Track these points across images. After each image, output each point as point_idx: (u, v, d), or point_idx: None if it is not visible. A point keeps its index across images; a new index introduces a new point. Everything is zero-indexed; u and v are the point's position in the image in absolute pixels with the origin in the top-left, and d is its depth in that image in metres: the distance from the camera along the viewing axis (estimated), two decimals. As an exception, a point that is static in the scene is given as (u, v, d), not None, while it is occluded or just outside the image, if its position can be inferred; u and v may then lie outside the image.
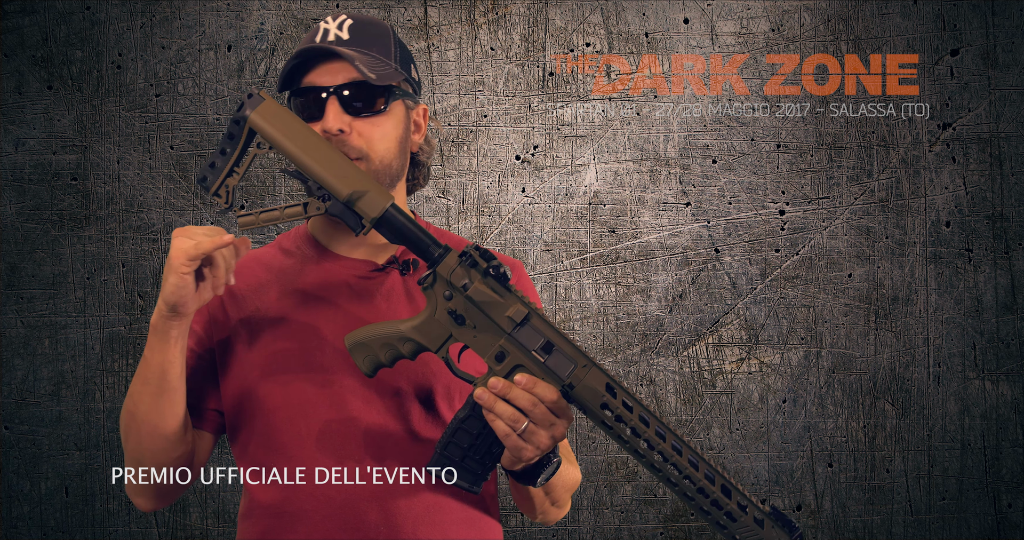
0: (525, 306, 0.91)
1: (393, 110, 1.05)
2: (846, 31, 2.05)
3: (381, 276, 1.07)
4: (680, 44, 2.04)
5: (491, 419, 0.89)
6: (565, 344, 0.90)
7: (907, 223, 2.05)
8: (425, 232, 0.95)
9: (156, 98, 1.98)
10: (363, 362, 0.95)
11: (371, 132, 1.02)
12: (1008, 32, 2.05)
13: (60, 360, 1.94)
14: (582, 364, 0.90)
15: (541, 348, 0.90)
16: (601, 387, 0.89)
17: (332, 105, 1.01)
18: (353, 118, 1.01)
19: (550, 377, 0.90)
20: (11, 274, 1.96)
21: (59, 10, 1.98)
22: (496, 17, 2.03)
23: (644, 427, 0.89)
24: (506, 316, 0.90)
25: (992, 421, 2.03)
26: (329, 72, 1.02)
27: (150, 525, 1.95)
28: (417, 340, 0.93)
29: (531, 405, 0.89)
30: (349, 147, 1.01)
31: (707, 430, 2.01)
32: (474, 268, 0.91)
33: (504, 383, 0.89)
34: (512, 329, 0.90)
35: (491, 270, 0.90)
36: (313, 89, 1.02)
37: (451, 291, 0.91)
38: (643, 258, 2.03)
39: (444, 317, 0.92)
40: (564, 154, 2.03)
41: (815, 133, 2.04)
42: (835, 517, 2.02)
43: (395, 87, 1.04)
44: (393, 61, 1.06)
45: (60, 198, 1.97)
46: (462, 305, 0.91)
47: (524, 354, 0.90)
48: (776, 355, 2.03)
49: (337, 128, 1.00)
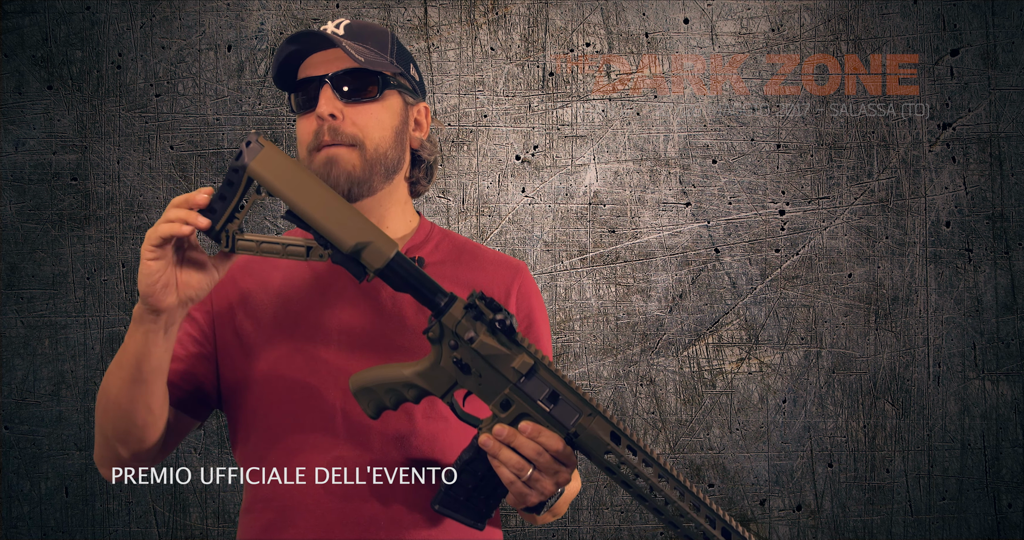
0: (531, 357, 0.90)
1: (387, 99, 1.05)
2: (846, 31, 2.05)
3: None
4: (680, 44, 2.04)
5: (496, 465, 0.90)
6: (570, 393, 0.90)
7: (907, 223, 2.05)
8: (430, 280, 0.93)
9: (156, 98, 1.98)
10: (367, 406, 0.95)
11: (365, 119, 1.02)
12: (1008, 32, 2.05)
13: (60, 360, 1.94)
14: (587, 413, 0.90)
15: (546, 397, 0.90)
16: (606, 435, 0.90)
17: (325, 92, 1.01)
18: (345, 104, 1.02)
19: (555, 426, 0.90)
20: (11, 274, 1.96)
21: (59, 10, 1.98)
22: (496, 17, 2.03)
23: (648, 472, 0.90)
24: (512, 367, 0.90)
25: (992, 421, 2.03)
26: (323, 62, 1.03)
27: (150, 525, 1.95)
28: (422, 386, 0.93)
29: (536, 454, 0.89)
30: (342, 134, 1.01)
31: (707, 430, 2.01)
32: (480, 319, 0.90)
33: (509, 430, 0.89)
34: (518, 380, 0.90)
35: (497, 323, 0.89)
36: (308, 80, 1.03)
37: (457, 341, 0.91)
38: (643, 258, 2.03)
39: (449, 365, 0.91)
40: (564, 154, 2.03)
41: (815, 133, 2.05)
42: (835, 517, 2.02)
43: (388, 76, 1.05)
44: (389, 55, 1.06)
45: (60, 198, 1.97)
46: (468, 355, 0.90)
47: (529, 403, 0.90)
48: (776, 355, 2.03)
49: (328, 112, 1.00)
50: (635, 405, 2.01)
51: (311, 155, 1.03)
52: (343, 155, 1.01)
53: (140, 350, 0.92)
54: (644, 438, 2.02)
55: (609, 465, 0.90)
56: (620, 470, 0.90)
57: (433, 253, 1.12)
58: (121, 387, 0.94)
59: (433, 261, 1.11)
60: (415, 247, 1.11)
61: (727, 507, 2.01)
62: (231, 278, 1.09)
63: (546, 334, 1.18)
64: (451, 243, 1.15)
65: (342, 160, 1.01)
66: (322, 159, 1.02)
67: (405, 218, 1.13)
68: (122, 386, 0.94)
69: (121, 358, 0.94)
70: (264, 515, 1.03)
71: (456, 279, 1.10)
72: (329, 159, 1.01)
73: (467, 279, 1.11)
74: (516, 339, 0.90)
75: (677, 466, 2.01)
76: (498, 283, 1.12)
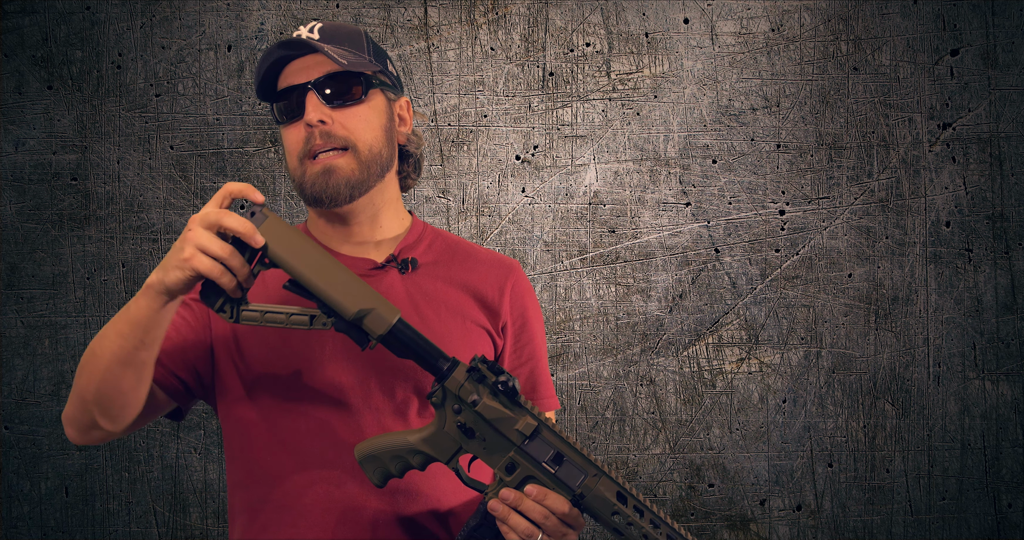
0: (534, 418, 0.91)
1: (372, 99, 1.05)
2: (846, 31, 2.05)
3: (380, 274, 1.07)
4: (680, 44, 2.04)
5: (505, 531, 0.90)
6: (575, 454, 0.91)
7: (907, 223, 2.05)
8: (432, 346, 0.92)
9: (156, 98, 1.98)
10: (373, 474, 0.95)
11: (353, 122, 1.02)
12: (1008, 32, 2.05)
13: (60, 360, 1.94)
14: (592, 473, 0.91)
15: (551, 459, 0.91)
16: (612, 496, 0.91)
17: (311, 98, 1.01)
18: (333, 109, 1.02)
19: (561, 488, 0.91)
20: (11, 274, 1.96)
21: (59, 10, 1.98)
22: (496, 17, 2.03)
23: (655, 532, 0.90)
24: (516, 430, 0.90)
25: (992, 421, 2.03)
26: (303, 69, 1.03)
27: (150, 525, 1.95)
28: (427, 452, 0.93)
29: (543, 517, 0.89)
30: (334, 138, 1.01)
31: (707, 430, 2.01)
32: (482, 382, 0.90)
33: (516, 494, 0.89)
34: (522, 442, 0.90)
35: (500, 386, 0.90)
36: (291, 89, 1.03)
37: (461, 405, 0.91)
38: (643, 258, 2.03)
39: (453, 430, 0.92)
40: (564, 154, 2.03)
41: (815, 133, 2.04)
42: (835, 517, 2.02)
43: (370, 76, 1.05)
44: (367, 54, 1.07)
45: (60, 198, 1.97)
46: (471, 419, 0.91)
47: (534, 465, 0.91)
48: (776, 355, 2.03)
49: (317, 119, 1.00)
50: (635, 405, 2.01)
51: (303, 163, 1.02)
52: (339, 163, 1.01)
53: (150, 317, 0.89)
54: (644, 437, 2.02)
55: (616, 526, 0.91)
56: (628, 531, 0.90)
57: (426, 253, 1.12)
58: (117, 353, 0.91)
59: (426, 261, 1.10)
60: (408, 247, 1.11)
61: (727, 507, 2.01)
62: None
63: (540, 333, 1.17)
64: (444, 243, 1.15)
65: (339, 168, 1.01)
66: (318, 169, 1.01)
67: (398, 217, 1.13)
68: (119, 352, 0.91)
69: (121, 326, 0.91)
70: (261, 516, 1.02)
71: (450, 279, 1.10)
72: (326, 169, 1.01)
73: (461, 279, 1.10)
74: (519, 401, 0.91)
75: (677, 467, 2.01)
76: (491, 282, 1.12)
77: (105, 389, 0.93)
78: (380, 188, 1.08)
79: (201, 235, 0.85)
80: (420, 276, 1.08)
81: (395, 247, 1.10)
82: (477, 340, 1.08)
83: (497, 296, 1.11)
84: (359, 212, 1.07)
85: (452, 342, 1.04)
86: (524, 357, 1.14)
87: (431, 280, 1.08)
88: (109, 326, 0.92)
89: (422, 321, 1.05)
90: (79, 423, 0.97)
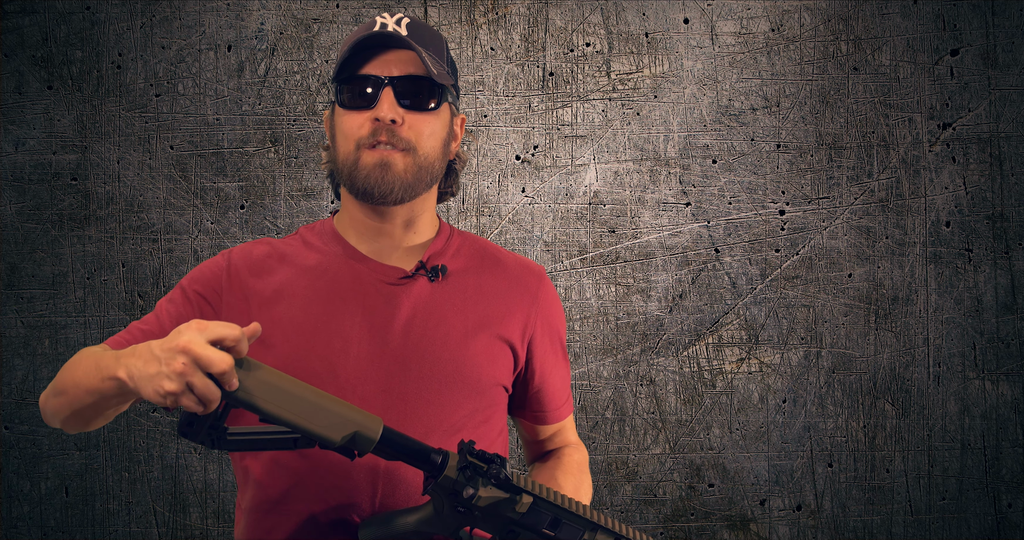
0: (529, 495, 0.93)
1: (442, 112, 1.06)
2: (846, 31, 2.05)
3: (409, 282, 1.06)
4: (680, 44, 2.04)
5: None
6: (570, 515, 0.94)
7: (907, 223, 2.05)
8: (418, 445, 0.91)
9: (156, 98, 1.98)
10: None
11: (421, 127, 1.03)
12: (1008, 32, 2.05)
13: (60, 360, 1.94)
14: (589, 529, 0.93)
15: (549, 524, 0.93)
16: None
17: (387, 95, 1.01)
18: (405, 111, 1.02)
19: None
20: (11, 274, 1.96)
21: (59, 10, 1.98)
22: (496, 17, 2.03)
23: None
24: (513, 509, 0.92)
25: (992, 421, 2.03)
26: (386, 63, 1.03)
27: (150, 525, 1.95)
28: (429, 531, 0.95)
29: None
30: (399, 138, 1.01)
31: (707, 430, 2.01)
32: (476, 473, 0.92)
33: None
34: (519, 517, 0.93)
35: (493, 480, 0.91)
36: (370, 78, 1.02)
37: (457, 500, 0.92)
38: (643, 258, 2.03)
39: (452, 513, 0.93)
40: (564, 154, 2.03)
41: (815, 133, 2.04)
42: (835, 517, 2.02)
43: (447, 89, 1.05)
44: (445, 63, 1.07)
45: (60, 198, 1.97)
46: (469, 505, 0.92)
47: (534, 532, 0.94)
48: (776, 355, 2.03)
49: (391, 118, 1.00)
50: (635, 405, 2.01)
51: (360, 150, 1.02)
52: (397, 160, 1.01)
53: (120, 387, 0.86)
54: (644, 437, 2.02)
55: None
56: None
57: (455, 259, 1.11)
58: (90, 391, 0.90)
59: (456, 269, 1.10)
60: (437, 254, 1.11)
61: (727, 507, 2.02)
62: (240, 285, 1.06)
63: (562, 343, 1.20)
64: (471, 248, 1.15)
65: (396, 165, 1.01)
66: (375, 159, 1.01)
67: (432, 224, 1.13)
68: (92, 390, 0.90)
69: (102, 370, 0.88)
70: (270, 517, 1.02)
71: (479, 288, 1.10)
72: (383, 162, 1.01)
73: (490, 288, 1.11)
74: (513, 484, 0.92)
75: (677, 467, 2.01)
76: (519, 291, 1.13)
77: (78, 405, 0.94)
78: (424, 197, 1.09)
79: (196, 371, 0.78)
80: (449, 285, 1.08)
81: (424, 253, 1.10)
82: (499, 355, 1.09)
83: (524, 308, 1.12)
84: (397, 215, 1.07)
85: (474, 360, 1.05)
86: (548, 366, 1.17)
87: (459, 291, 1.08)
88: (92, 362, 0.91)
89: (447, 333, 1.05)
90: (57, 412, 0.99)
